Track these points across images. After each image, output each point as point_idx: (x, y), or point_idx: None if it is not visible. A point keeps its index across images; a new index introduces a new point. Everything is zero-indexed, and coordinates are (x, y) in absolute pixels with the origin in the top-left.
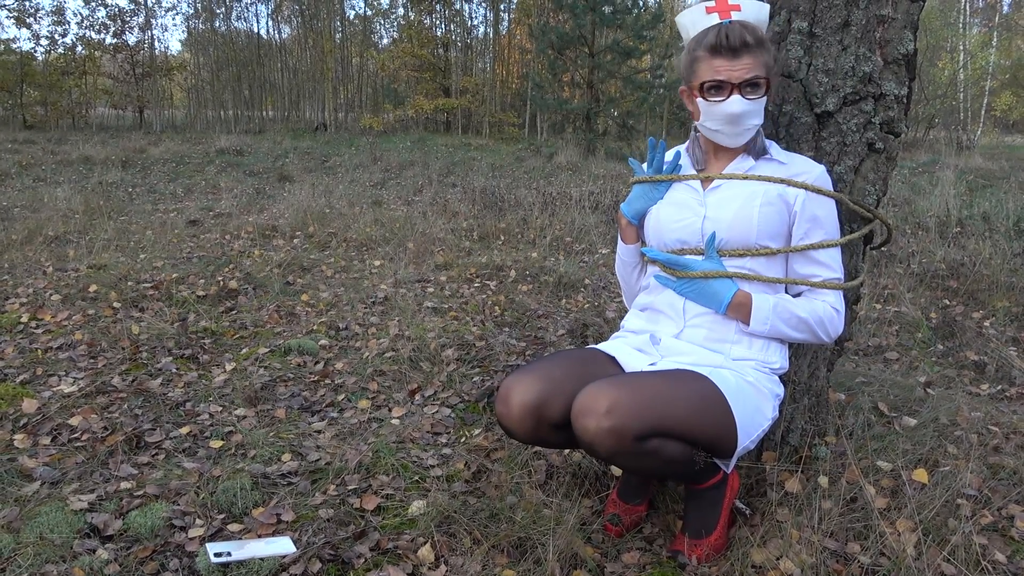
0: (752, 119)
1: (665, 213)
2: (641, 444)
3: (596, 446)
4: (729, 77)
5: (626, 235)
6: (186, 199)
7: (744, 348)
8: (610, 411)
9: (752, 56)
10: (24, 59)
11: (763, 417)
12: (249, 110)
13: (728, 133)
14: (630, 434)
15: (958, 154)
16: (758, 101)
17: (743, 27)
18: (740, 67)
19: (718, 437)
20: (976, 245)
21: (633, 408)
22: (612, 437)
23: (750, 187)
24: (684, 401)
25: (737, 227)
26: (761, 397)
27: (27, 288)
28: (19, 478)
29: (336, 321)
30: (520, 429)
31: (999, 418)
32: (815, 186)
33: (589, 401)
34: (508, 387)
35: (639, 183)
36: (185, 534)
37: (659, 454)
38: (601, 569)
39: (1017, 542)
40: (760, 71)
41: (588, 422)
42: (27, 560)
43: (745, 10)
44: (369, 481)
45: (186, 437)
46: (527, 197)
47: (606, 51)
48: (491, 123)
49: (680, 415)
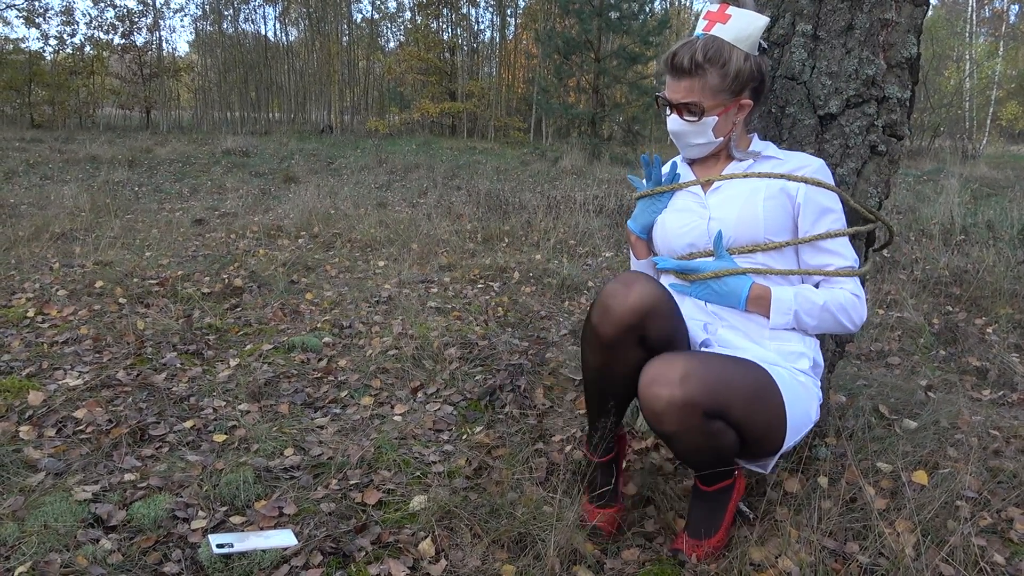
0: (692, 138)
1: (670, 221)
2: (708, 423)
3: (665, 418)
4: (671, 96)
5: (637, 251)
6: (192, 199)
7: (784, 343)
8: (684, 380)
9: (693, 80)
10: (33, 58)
11: (809, 419)
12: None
13: (679, 145)
14: (700, 409)
15: (963, 163)
16: (695, 124)
17: (703, 47)
18: (680, 90)
19: (769, 431)
20: (980, 253)
21: (706, 382)
22: (683, 411)
23: (751, 184)
24: (747, 388)
25: (743, 224)
26: (810, 398)
27: (34, 283)
28: (24, 468)
29: (340, 319)
30: (617, 326)
31: (1000, 422)
32: (815, 179)
33: (662, 368)
34: (629, 281)
35: (642, 198)
36: (188, 525)
37: (716, 439)
38: (601, 565)
39: (1016, 544)
40: (696, 96)
41: (661, 391)
42: (31, 548)
43: (732, 23)
44: (371, 476)
45: (190, 431)
46: (531, 200)
47: (612, 56)
48: (496, 127)
49: (742, 401)
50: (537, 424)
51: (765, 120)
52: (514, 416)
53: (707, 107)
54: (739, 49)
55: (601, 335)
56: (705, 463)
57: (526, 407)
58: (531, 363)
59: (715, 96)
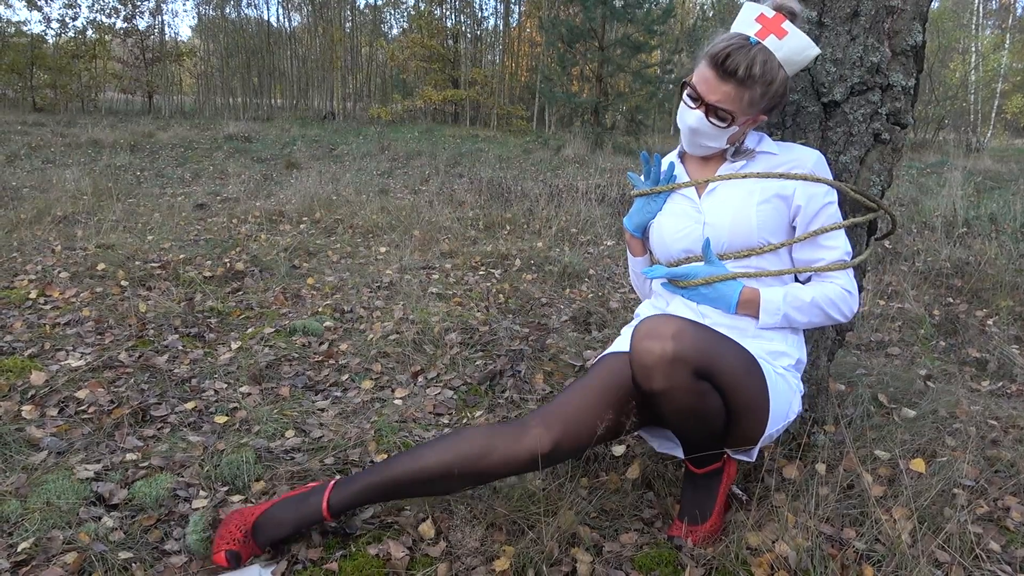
0: (708, 140)
1: (666, 226)
2: (696, 382)
3: (655, 372)
4: (705, 94)
5: (633, 248)
6: (194, 183)
7: (767, 342)
8: (676, 336)
9: (737, 88)
10: (35, 42)
11: (791, 409)
12: (258, 97)
13: (686, 139)
14: (690, 366)
15: (967, 156)
16: (719, 129)
17: (755, 57)
18: (718, 92)
19: (753, 409)
20: (982, 245)
21: (696, 341)
22: (673, 365)
23: (746, 186)
24: (735, 358)
25: (738, 230)
26: (791, 391)
27: (36, 265)
28: (26, 447)
29: (341, 304)
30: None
31: (998, 412)
32: (813, 175)
33: (654, 324)
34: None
35: (640, 196)
36: (189, 504)
37: (704, 400)
38: (599, 548)
39: (1012, 532)
40: (734, 106)
41: (653, 344)
42: (34, 525)
43: (788, 42)
44: (371, 458)
45: (191, 412)
46: (533, 189)
47: (616, 45)
48: (499, 115)
49: (730, 368)
50: (537, 409)
51: None
52: (514, 401)
53: (738, 118)
54: (784, 70)
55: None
56: (692, 431)
57: (526, 392)
58: (531, 349)
59: (749, 109)
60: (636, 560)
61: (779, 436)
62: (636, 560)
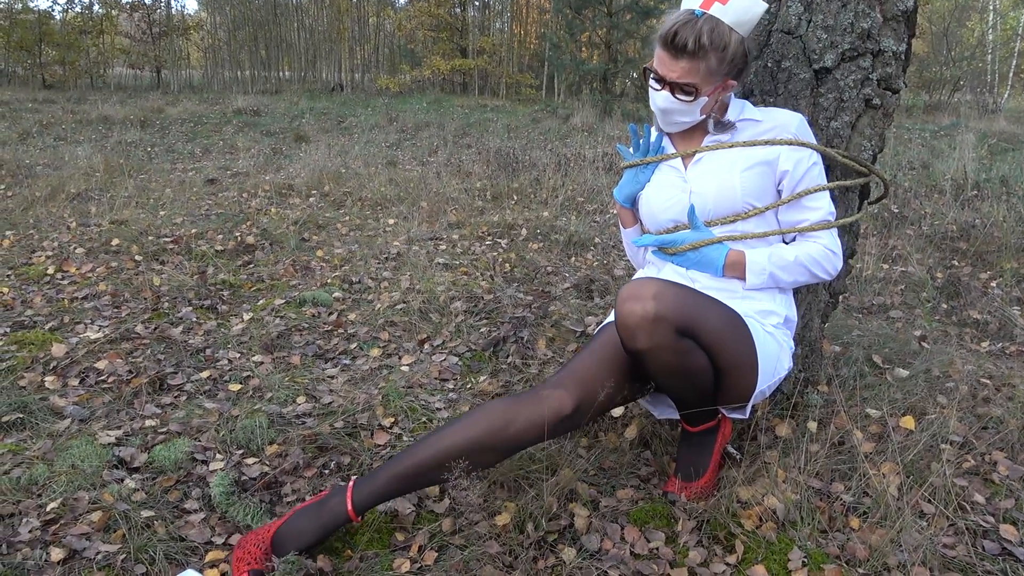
0: (680, 116)
1: (654, 196)
2: (679, 340)
3: (638, 332)
4: (665, 74)
5: (624, 219)
6: (204, 158)
7: (755, 302)
8: (656, 297)
9: (692, 61)
10: (42, 18)
11: (781, 366)
12: (266, 70)
13: (661, 120)
14: (671, 325)
15: (982, 117)
16: (688, 104)
17: (701, 28)
18: (676, 69)
19: (740, 366)
20: (990, 208)
21: (677, 301)
22: (655, 325)
23: (730, 155)
24: (717, 316)
25: (722, 197)
26: (780, 348)
27: (52, 242)
28: (51, 415)
29: (350, 275)
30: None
31: (992, 371)
32: (798, 140)
33: (636, 288)
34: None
35: (629, 167)
36: (207, 467)
37: (688, 359)
38: (596, 504)
39: (997, 485)
40: (694, 78)
41: (635, 306)
42: (61, 487)
43: (733, 5)
44: (379, 421)
45: (206, 380)
46: (541, 158)
47: (624, 11)
48: (508, 84)
49: (714, 328)
50: (539, 373)
51: (760, 75)
52: (517, 366)
53: (702, 89)
54: (737, 33)
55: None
56: (681, 389)
57: (528, 357)
58: (534, 316)
59: (710, 78)
60: (631, 514)
61: (772, 393)
62: (631, 514)
